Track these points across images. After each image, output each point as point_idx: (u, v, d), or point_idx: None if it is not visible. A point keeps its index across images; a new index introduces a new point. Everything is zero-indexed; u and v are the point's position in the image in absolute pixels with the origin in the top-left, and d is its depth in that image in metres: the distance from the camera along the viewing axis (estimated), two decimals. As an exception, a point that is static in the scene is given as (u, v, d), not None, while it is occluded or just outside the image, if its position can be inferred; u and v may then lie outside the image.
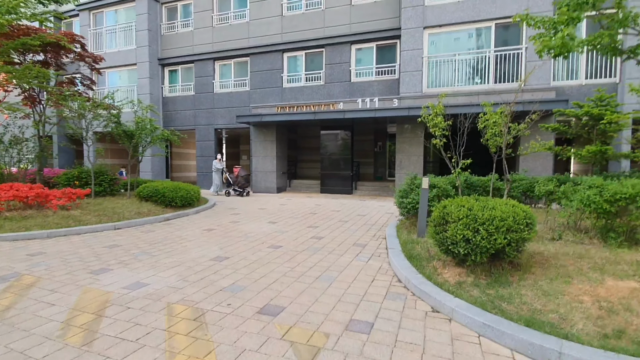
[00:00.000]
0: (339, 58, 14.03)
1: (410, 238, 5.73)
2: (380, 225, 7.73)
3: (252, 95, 15.47)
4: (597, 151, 6.44)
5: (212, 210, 9.90)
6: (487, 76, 11.74)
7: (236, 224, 7.74)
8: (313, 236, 6.56)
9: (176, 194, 8.99)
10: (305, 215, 9.04)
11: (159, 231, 7.02)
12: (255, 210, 9.77)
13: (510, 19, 11.36)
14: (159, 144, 10.75)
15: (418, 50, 12.24)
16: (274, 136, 14.24)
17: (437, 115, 6.76)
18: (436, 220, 4.01)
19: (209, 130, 16.43)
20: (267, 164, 14.36)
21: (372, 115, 11.52)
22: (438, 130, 6.71)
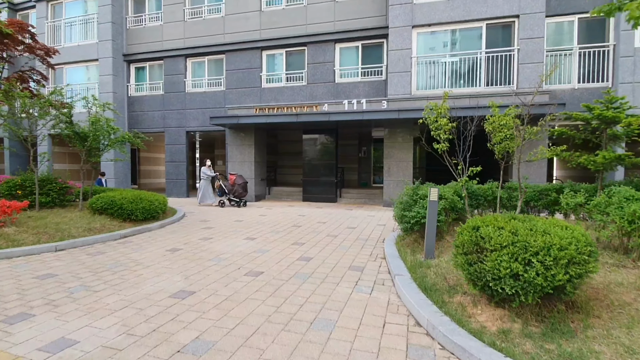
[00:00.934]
0: (323, 57, 13.15)
1: (416, 260, 4.83)
2: (375, 240, 6.80)
3: (228, 96, 14.30)
4: (613, 158, 5.88)
5: (180, 223, 8.65)
6: (479, 78, 11.19)
7: (207, 242, 6.58)
8: (300, 257, 5.53)
9: (136, 206, 7.70)
10: (288, 228, 7.99)
11: (110, 253, 5.77)
12: (230, 223, 8.62)
13: (502, 19, 10.92)
14: (119, 147, 9.39)
15: (407, 50, 11.55)
16: (252, 140, 13.11)
17: (441, 116, 5.94)
18: (467, 247, 3.10)
19: (179, 133, 15.06)
20: (245, 170, 13.19)
21: (359, 118, 10.67)
22: (442, 134, 5.89)
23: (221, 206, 11.60)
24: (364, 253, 5.82)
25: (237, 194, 11.57)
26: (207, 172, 12.24)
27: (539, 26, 10.54)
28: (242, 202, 11.71)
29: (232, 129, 13.28)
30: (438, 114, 5.97)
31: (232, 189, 11.60)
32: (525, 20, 10.63)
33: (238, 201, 11.68)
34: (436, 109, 6.00)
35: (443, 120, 5.87)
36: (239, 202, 11.67)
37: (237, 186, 11.52)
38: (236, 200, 11.69)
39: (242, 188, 11.51)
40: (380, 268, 4.97)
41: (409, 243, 5.79)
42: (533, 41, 10.59)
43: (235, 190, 11.55)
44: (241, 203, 11.67)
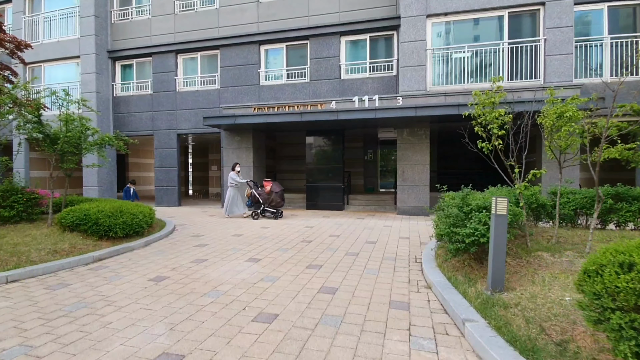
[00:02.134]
0: (327, 52, 12.03)
1: (480, 293, 3.66)
2: (405, 259, 5.62)
3: (223, 95, 13.08)
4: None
5: (169, 239, 7.38)
6: (501, 72, 10.14)
7: (201, 265, 5.33)
8: (322, 287, 4.32)
9: (115, 221, 6.42)
10: (297, 244, 6.77)
11: (76, 285, 4.49)
12: (228, 239, 7.37)
13: (526, 7, 9.91)
14: (97, 151, 8.11)
15: (421, 42, 10.48)
16: (250, 142, 11.89)
17: (494, 106, 4.82)
18: (623, 298, 1.94)
19: (170, 136, 13.79)
20: (243, 176, 11.95)
21: (371, 116, 9.54)
22: (496, 128, 4.76)
23: (255, 218, 10.01)
24: (400, 279, 4.63)
25: (274, 204, 9.98)
26: (236, 179, 10.42)
27: (567, 14, 9.55)
28: (279, 212, 10.14)
29: (228, 130, 12.05)
30: (490, 102, 4.84)
31: (269, 198, 9.96)
32: (552, 7, 9.63)
33: (276, 212, 10.09)
34: (489, 99, 4.86)
35: (498, 112, 4.73)
36: (276, 212, 10.08)
37: (274, 195, 9.89)
38: (273, 211, 10.10)
39: (280, 197, 9.98)
40: (430, 304, 3.78)
41: (457, 266, 4.62)
42: (561, 30, 9.59)
43: (272, 200, 9.92)
44: (277, 214, 10.10)
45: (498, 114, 4.75)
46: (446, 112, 9.07)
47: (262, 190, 10.21)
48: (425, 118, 9.94)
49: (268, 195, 10.01)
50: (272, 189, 9.94)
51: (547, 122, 4.96)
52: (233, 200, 10.47)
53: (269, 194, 10.00)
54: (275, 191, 9.92)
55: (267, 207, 10.08)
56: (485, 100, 4.89)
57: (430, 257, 5.28)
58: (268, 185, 10.12)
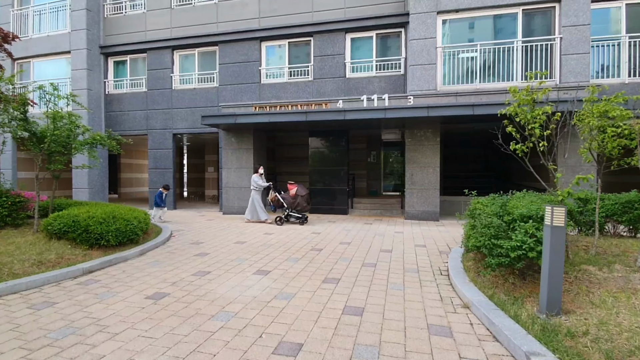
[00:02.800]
0: (331, 49, 11.55)
1: (532, 316, 3.19)
2: (429, 271, 5.13)
3: (222, 93, 12.52)
4: None
5: (166, 247, 6.80)
6: (515, 72, 9.76)
7: (205, 279, 4.78)
8: (345, 307, 3.80)
9: (108, 227, 5.83)
10: (306, 253, 6.25)
11: (64, 303, 3.92)
12: (230, 247, 6.82)
13: (541, 4, 9.54)
14: (88, 151, 7.51)
15: (431, 40, 10.05)
16: (251, 143, 11.34)
17: (534, 104, 4.37)
18: None
19: (165, 136, 13.17)
20: (243, 178, 11.39)
21: (380, 116, 9.06)
22: (538, 128, 4.31)
23: (279, 224, 9.29)
24: (431, 296, 4.14)
25: (299, 208, 9.29)
26: (258, 182, 9.70)
27: (584, 12, 9.20)
28: (304, 217, 9.44)
29: (228, 130, 11.48)
30: (529, 100, 4.38)
31: (294, 202, 9.24)
32: (568, 4, 9.28)
33: (301, 217, 9.43)
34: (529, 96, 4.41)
35: (541, 110, 4.29)
36: (302, 217, 9.42)
37: (300, 198, 9.17)
38: (298, 216, 9.44)
39: (306, 201, 9.29)
40: (475, 329, 3.29)
41: (494, 282, 4.14)
42: (577, 29, 9.24)
43: (297, 204, 9.22)
44: (303, 219, 9.41)
45: (541, 111, 4.30)
46: (460, 112, 8.64)
47: (287, 193, 9.45)
48: (436, 119, 9.50)
49: (293, 199, 9.24)
50: (298, 193, 9.20)
51: (591, 122, 4.52)
52: (257, 204, 9.69)
53: (294, 197, 9.25)
54: (301, 195, 9.18)
55: (292, 212, 9.43)
56: (526, 98, 4.43)
57: (459, 270, 4.80)
58: (293, 188, 9.35)
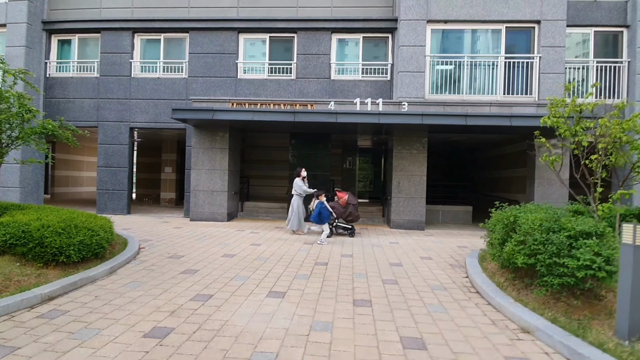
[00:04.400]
0: (316, 48, 10.99)
1: (615, 343, 2.90)
2: (455, 288, 4.75)
3: (192, 85, 11.29)
4: None
5: (138, 263, 5.64)
6: (497, 86, 10.05)
7: (209, 306, 3.88)
8: (400, 339, 3.21)
9: (70, 240, 4.60)
10: (311, 267, 5.55)
11: (27, 349, 2.81)
12: (219, 261, 5.86)
13: (523, 23, 9.97)
14: (34, 142, 6.05)
15: (420, 48, 9.98)
16: (227, 142, 10.28)
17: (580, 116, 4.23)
18: None
19: (120, 130, 11.51)
20: (215, 181, 10.26)
21: (374, 121, 8.68)
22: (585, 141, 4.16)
23: (329, 235, 8.09)
24: (480, 320, 3.72)
25: (351, 218, 8.34)
26: (303, 187, 8.55)
27: (560, 34, 9.78)
28: (353, 228, 8.49)
29: (200, 127, 10.30)
30: (577, 111, 4.23)
31: (345, 211, 8.26)
32: (546, 26, 9.80)
33: (350, 228, 8.46)
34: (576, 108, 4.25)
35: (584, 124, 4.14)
36: (350, 228, 8.46)
37: (351, 207, 8.23)
38: (347, 227, 8.47)
39: (357, 210, 8.43)
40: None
41: (545, 302, 3.84)
42: (554, 50, 9.79)
43: (349, 214, 8.27)
44: (352, 230, 8.46)
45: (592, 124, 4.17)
46: (453, 122, 8.59)
47: (337, 202, 8.47)
48: (425, 127, 9.39)
49: (344, 208, 8.27)
50: (349, 201, 8.28)
51: (616, 134, 4.50)
52: (300, 212, 8.53)
53: (344, 206, 8.30)
54: (352, 203, 8.28)
55: (340, 223, 8.47)
56: (573, 109, 4.28)
57: (492, 287, 4.48)
58: (344, 196, 8.40)
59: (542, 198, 9.59)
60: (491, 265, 5.43)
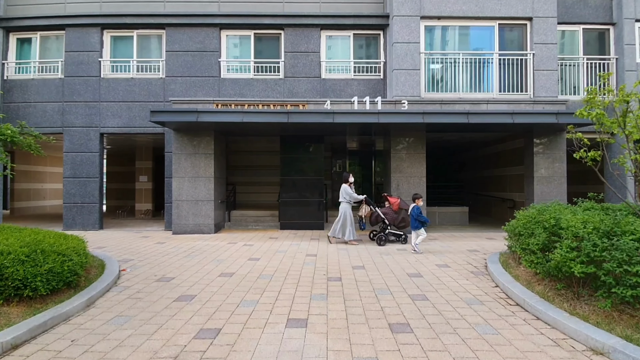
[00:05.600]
0: (305, 45, 10.40)
1: None
2: (494, 302, 4.26)
3: (170, 86, 10.37)
4: None
5: (121, 291, 4.77)
6: (492, 83, 9.85)
7: (221, 346, 3.14)
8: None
9: (37, 269, 3.72)
10: (324, 285, 4.91)
11: None
12: (217, 282, 5.09)
13: (515, 20, 9.83)
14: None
15: (414, 44, 9.62)
16: (212, 147, 9.44)
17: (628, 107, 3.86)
18: None
19: (89, 135, 10.39)
20: (200, 190, 9.38)
21: (373, 121, 8.17)
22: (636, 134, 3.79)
23: (380, 244, 7.70)
24: (542, 342, 3.23)
25: (403, 224, 7.84)
26: (352, 194, 7.97)
27: (552, 31, 9.72)
28: (405, 235, 7.99)
29: (181, 131, 9.40)
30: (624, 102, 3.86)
31: (397, 217, 7.82)
32: (538, 23, 9.72)
33: (401, 234, 7.97)
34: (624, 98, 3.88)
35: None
36: (401, 235, 7.98)
37: (403, 213, 7.80)
38: (398, 234, 7.97)
39: (408, 216, 7.81)
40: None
41: (610, 315, 3.40)
42: (547, 47, 9.71)
43: (401, 220, 7.81)
44: (403, 237, 7.98)
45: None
46: (455, 120, 8.24)
47: (388, 207, 8.02)
48: (423, 126, 9.00)
49: (396, 214, 7.85)
50: (401, 206, 7.88)
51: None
52: (350, 220, 7.88)
53: (397, 212, 7.88)
54: (404, 208, 7.83)
55: (392, 230, 7.94)
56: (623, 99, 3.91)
57: (533, 298, 4.02)
58: (395, 201, 7.98)
59: (541, 196, 9.44)
60: (521, 272, 5.01)
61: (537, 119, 8.26)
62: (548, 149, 9.50)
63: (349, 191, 7.94)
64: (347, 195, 7.92)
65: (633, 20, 9.90)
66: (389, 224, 7.85)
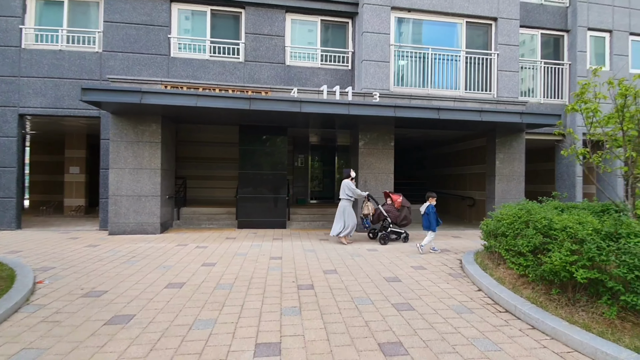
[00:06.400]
0: (269, 28, 9.54)
1: None
2: (479, 308, 3.89)
3: (108, 62, 8.95)
4: None
5: (34, 309, 3.69)
6: (459, 81, 9.79)
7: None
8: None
9: None
10: (294, 294, 4.23)
11: None
12: (161, 294, 4.18)
13: (481, 19, 9.86)
14: None
15: (384, 35, 9.22)
16: (159, 135, 8.25)
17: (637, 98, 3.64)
18: None
19: (5, 117, 8.64)
20: (144, 183, 8.16)
21: (343, 112, 7.58)
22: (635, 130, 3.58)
23: (383, 243, 7.33)
24: (551, 358, 2.86)
25: (405, 222, 7.55)
26: (354, 190, 7.38)
27: (515, 33, 9.89)
28: (406, 233, 7.72)
29: (123, 114, 8.09)
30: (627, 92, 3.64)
31: (399, 215, 7.49)
32: (502, 24, 9.83)
33: (402, 232, 7.68)
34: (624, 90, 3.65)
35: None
36: (402, 233, 7.68)
37: (405, 210, 7.51)
38: (399, 232, 7.67)
39: (410, 213, 7.64)
40: None
41: (613, 323, 3.13)
42: (510, 48, 9.86)
43: (403, 217, 7.50)
44: (404, 235, 7.68)
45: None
46: (426, 115, 7.94)
47: (391, 205, 7.60)
48: (392, 120, 8.63)
49: (399, 212, 7.51)
50: (404, 204, 7.55)
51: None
52: (351, 218, 7.34)
53: (399, 209, 7.52)
54: (407, 206, 7.56)
55: (394, 228, 7.65)
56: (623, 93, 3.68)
57: (525, 304, 3.71)
58: (398, 198, 7.58)
59: (502, 195, 9.58)
60: (502, 273, 4.75)
61: (503, 117, 8.25)
62: (509, 149, 9.66)
63: (351, 187, 7.38)
64: (350, 192, 7.38)
65: (586, 28, 10.43)
66: (391, 222, 7.54)
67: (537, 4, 10.64)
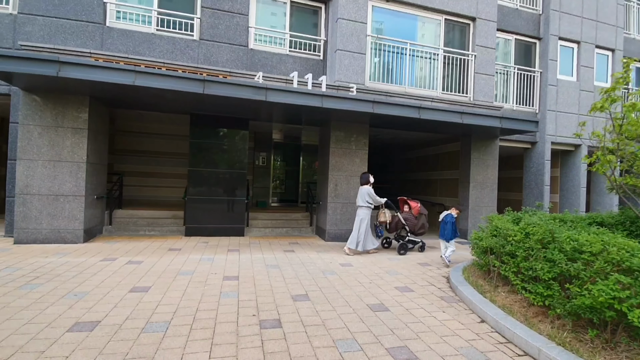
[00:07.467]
0: (229, 4, 8.25)
1: None
2: (497, 349, 3.07)
3: (24, 27, 7.14)
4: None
5: None
6: (437, 81, 9.21)
7: None
8: None
9: None
10: (256, 337, 3.11)
11: None
12: (59, 343, 2.85)
13: (460, 17, 9.40)
14: None
15: (361, 25, 8.37)
16: (85, 119, 6.63)
17: None
18: None
19: None
20: (63, 179, 6.50)
21: (317, 104, 6.54)
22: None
23: (403, 253, 6.75)
24: None
25: (422, 231, 7.03)
26: (373, 196, 6.63)
27: (492, 35, 9.54)
28: (423, 242, 7.20)
29: (38, 91, 6.37)
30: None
31: (417, 223, 6.97)
32: (481, 25, 9.43)
33: (418, 242, 7.15)
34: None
35: None
36: (418, 242, 7.16)
37: (423, 218, 7.02)
38: (416, 241, 7.12)
39: (427, 221, 7.17)
40: None
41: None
42: (487, 50, 9.49)
43: (421, 225, 6.99)
44: (422, 244, 7.19)
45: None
46: (406, 113, 7.18)
47: (408, 213, 7.12)
48: (367, 118, 7.80)
49: (416, 220, 7.01)
50: (421, 212, 7.06)
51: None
52: (369, 228, 6.69)
53: (417, 217, 7.02)
54: (424, 214, 7.08)
55: (411, 237, 7.08)
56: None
57: (552, 348, 2.94)
58: (416, 205, 7.09)
59: (475, 202, 9.18)
60: (504, 299, 4.04)
61: (483, 121, 7.75)
62: (484, 155, 9.28)
63: (372, 193, 6.64)
64: (370, 199, 6.62)
65: (557, 37, 10.40)
66: (409, 230, 6.99)
67: (513, 8, 10.45)
